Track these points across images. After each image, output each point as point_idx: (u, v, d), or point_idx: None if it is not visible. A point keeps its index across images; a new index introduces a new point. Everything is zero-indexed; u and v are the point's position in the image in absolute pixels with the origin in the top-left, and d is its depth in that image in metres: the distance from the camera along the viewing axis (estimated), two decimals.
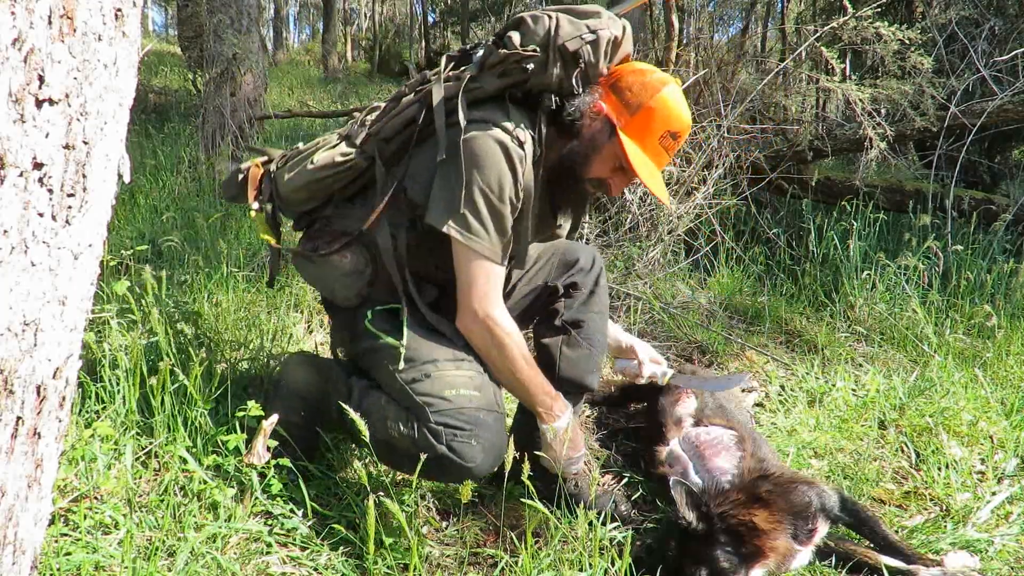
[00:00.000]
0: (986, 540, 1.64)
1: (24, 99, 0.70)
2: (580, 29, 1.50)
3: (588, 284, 1.77)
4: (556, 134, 1.57)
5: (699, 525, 1.42)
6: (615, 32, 1.52)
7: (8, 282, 0.73)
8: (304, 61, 17.48)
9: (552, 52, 1.48)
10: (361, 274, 1.61)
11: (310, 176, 1.59)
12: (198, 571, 1.33)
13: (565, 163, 1.57)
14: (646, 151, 1.54)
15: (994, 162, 4.97)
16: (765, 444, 1.81)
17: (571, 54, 1.49)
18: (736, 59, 4.43)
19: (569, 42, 1.48)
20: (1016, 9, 4.83)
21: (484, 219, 1.46)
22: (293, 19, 31.39)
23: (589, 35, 1.49)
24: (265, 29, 20.53)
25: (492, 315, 1.50)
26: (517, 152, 1.47)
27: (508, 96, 1.53)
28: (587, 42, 1.49)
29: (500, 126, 1.47)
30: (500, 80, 1.52)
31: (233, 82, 4.59)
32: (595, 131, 1.54)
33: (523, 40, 1.51)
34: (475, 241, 1.46)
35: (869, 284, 3.19)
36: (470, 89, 1.52)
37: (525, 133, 1.50)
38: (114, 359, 1.72)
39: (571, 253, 1.81)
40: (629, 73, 1.55)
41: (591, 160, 1.56)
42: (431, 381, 1.47)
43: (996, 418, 2.21)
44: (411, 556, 1.33)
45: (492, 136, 1.46)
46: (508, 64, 1.50)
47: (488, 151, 1.45)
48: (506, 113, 1.50)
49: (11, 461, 0.79)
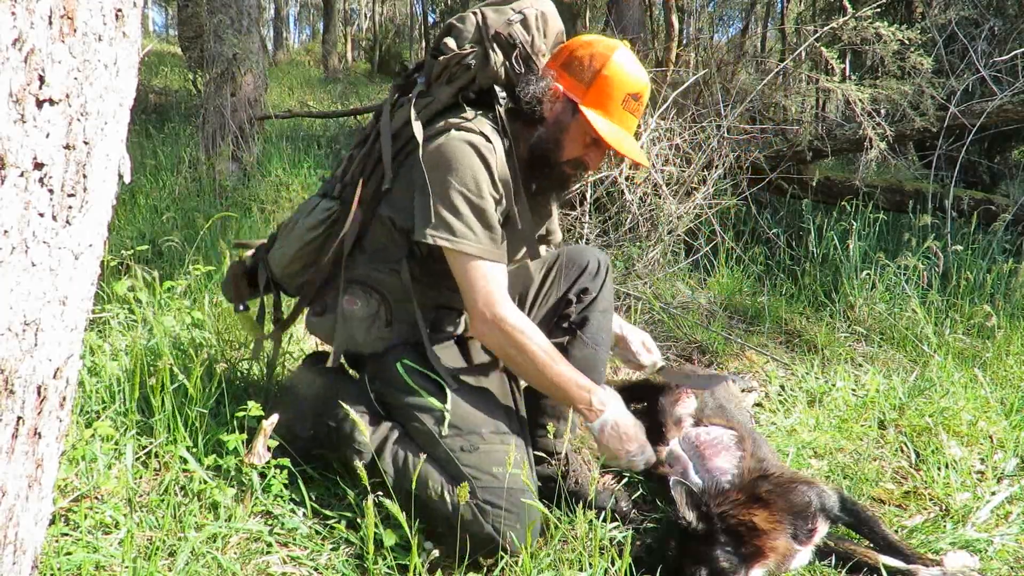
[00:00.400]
0: (986, 540, 1.64)
1: (24, 99, 0.70)
2: (506, 13, 1.56)
3: (596, 287, 1.77)
4: (522, 126, 1.58)
5: (699, 525, 1.42)
6: (540, 8, 1.57)
7: (8, 282, 0.73)
8: (304, 61, 17.48)
9: (488, 43, 1.53)
10: (376, 316, 1.60)
11: (300, 242, 1.63)
12: (198, 571, 1.33)
13: (536, 152, 1.59)
14: (612, 119, 1.55)
15: (994, 162, 4.97)
16: (765, 444, 1.82)
17: (505, 39, 1.53)
18: (736, 59, 4.44)
19: (500, 28, 1.54)
20: (1016, 9, 4.83)
21: (467, 219, 1.45)
22: (293, 19, 31.39)
23: (516, 16, 1.55)
24: (265, 29, 20.53)
25: (500, 314, 1.48)
26: (485, 145, 1.48)
27: (462, 99, 1.57)
28: (516, 23, 1.54)
29: (461, 127, 1.49)
30: (449, 87, 1.56)
31: (233, 82, 4.59)
32: (557, 113, 1.56)
33: (458, 42, 1.57)
34: (463, 243, 1.45)
35: (869, 284, 3.19)
36: (423, 105, 1.56)
37: (488, 127, 1.52)
38: (114, 359, 1.72)
39: (579, 258, 1.80)
40: (576, 47, 1.57)
41: (561, 142, 1.57)
42: (478, 454, 1.45)
43: (996, 418, 2.21)
44: (411, 556, 1.33)
45: (456, 137, 1.47)
46: (451, 68, 1.55)
47: (455, 151, 1.46)
48: (463, 114, 1.52)
49: (11, 461, 0.79)
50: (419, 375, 1.56)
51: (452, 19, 1.60)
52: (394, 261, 1.59)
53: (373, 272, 1.61)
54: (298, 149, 5.37)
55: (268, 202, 4.33)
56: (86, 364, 1.86)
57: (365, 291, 1.60)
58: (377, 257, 1.61)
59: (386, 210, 1.58)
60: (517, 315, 1.50)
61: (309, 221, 1.62)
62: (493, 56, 1.53)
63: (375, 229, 1.61)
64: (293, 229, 1.65)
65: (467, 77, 1.55)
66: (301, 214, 1.65)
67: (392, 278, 1.60)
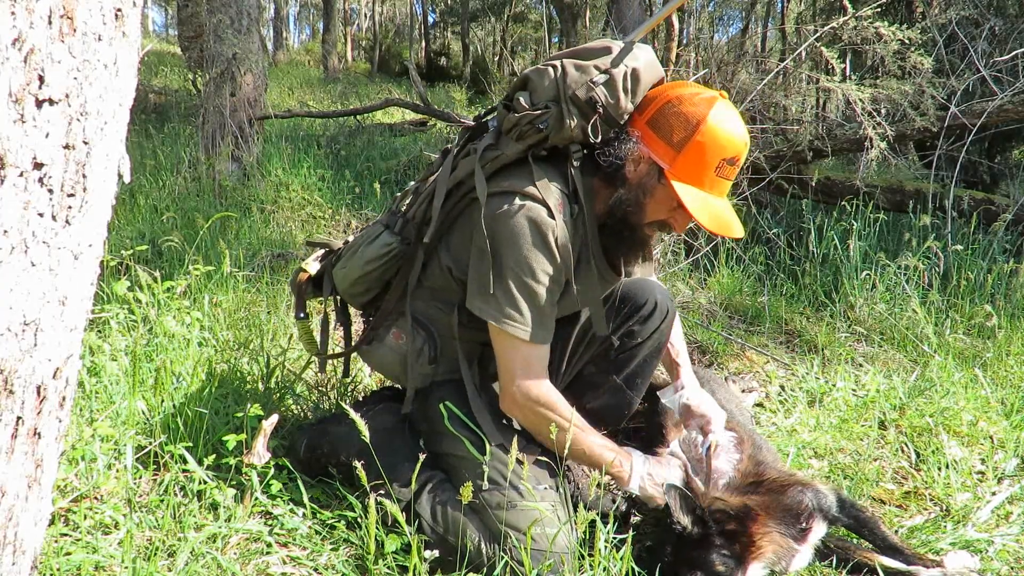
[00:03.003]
0: (986, 540, 1.64)
1: (24, 99, 0.70)
2: (589, 73, 1.39)
3: (644, 332, 1.66)
4: (601, 184, 1.47)
5: (694, 530, 1.41)
6: (632, 65, 1.40)
7: (8, 282, 0.73)
8: (304, 61, 17.49)
9: (565, 104, 1.39)
10: (420, 352, 1.57)
11: (360, 271, 1.59)
12: (198, 571, 1.33)
13: (616, 213, 1.46)
14: (703, 187, 1.40)
15: (994, 162, 4.97)
16: (766, 446, 1.81)
17: (585, 102, 1.38)
18: (736, 59, 4.43)
19: (579, 90, 1.38)
20: (1016, 9, 4.84)
21: (516, 301, 1.40)
22: (293, 19, 31.41)
23: (600, 76, 1.39)
24: (265, 29, 20.53)
25: (532, 396, 1.45)
26: (546, 222, 1.38)
27: (532, 156, 1.45)
28: (600, 84, 1.39)
29: (524, 193, 1.40)
30: (519, 143, 1.44)
31: (233, 82, 4.59)
32: (642, 175, 1.42)
33: (532, 98, 1.43)
34: (509, 325, 1.41)
35: (869, 284, 3.19)
36: (491, 158, 1.46)
37: (555, 192, 1.41)
38: (114, 359, 1.72)
39: (636, 296, 1.67)
40: (665, 103, 1.40)
41: (644, 205, 1.44)
42: (515, 513, 1.41)
43: (996, 418, 2.21)
44: (411, 556, 1.33)
45: (517, 210, 1.38)
46: (522, 127, 1.41)
47: (514, 229, 1.38)
48: (531, 176, 1.41)
49: (11, 461, 0.79)
50: (461, 423, 1.52)
51: (529, 71, 1.46)
52: (450, 302, 1.56)
53: (428, 308, 1.59)
54: (298, 149, 5.37)
55: (268, 202, 4.33)
56: (86, 364, 1.86)
57: (413, 326, 1.57)
58: (436, 296, 1.59)
59: (445, 258, 1.53)
60: (549, 396, 1.46)
61: (369, 253, 1.58)
62: (568, 121, 1.40)
63: (434, 269, 1.57)
64: (355, 255, 1.61)
65: (538, 137, 1.42)
66: (364, 241, 1.61)
67: (444, 316, 1.57)
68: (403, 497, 1.48)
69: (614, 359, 1.70)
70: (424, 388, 1.62)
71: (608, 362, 1.71)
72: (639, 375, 1.71)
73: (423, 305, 1.60)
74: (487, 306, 1.42)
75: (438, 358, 1.59)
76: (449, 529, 1.44)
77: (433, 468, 1.56)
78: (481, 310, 1.43)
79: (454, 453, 1.52)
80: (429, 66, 19.25)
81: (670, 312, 1.69)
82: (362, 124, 6.61)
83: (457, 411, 1.53)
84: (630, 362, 1.69)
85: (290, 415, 1.92)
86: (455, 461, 1.52)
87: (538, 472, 1.48)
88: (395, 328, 1.60)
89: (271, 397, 1.94)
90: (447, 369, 1.61)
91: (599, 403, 1.69)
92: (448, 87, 13.14)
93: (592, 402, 1.69)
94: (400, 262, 1.59)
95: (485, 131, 1.54)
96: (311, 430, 1.70)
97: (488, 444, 1.45)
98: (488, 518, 1.43)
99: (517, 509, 1.41)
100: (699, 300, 3.24)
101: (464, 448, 1.48)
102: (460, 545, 1.41)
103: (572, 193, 1.45)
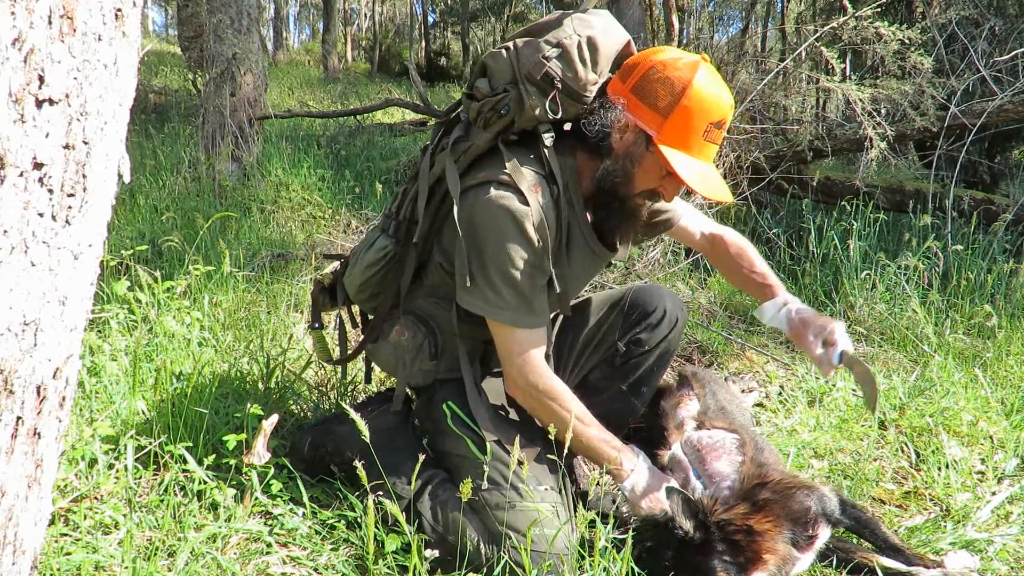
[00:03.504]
0: (986, 540, 1.64)
1: (24, 99, 0.70)
2: (540, 49, 1.37)
3: (652, 340, 1.65)
4: (585, 159, 1.46)
5: (696, 534, 1.39)
6: (586, 33, 1.38)
7: (8, 282, 0.73)
8: (304, 61, 17.49)
9: (522, 85, 1.38)
10: (421, 348, 1.57)
11: (362, 277, 1.61)
12: (198, 571, 1.33)
13: (604, 186, 1.44)
14: (691, 152, 1.38)
15: (994, 162, 4.97)
16: (768, 447, 1.81)
17: (540, 79, 1.36)
18: (736, 59, 4.43)
19: (533, 68, 1.36)
20: (1016, 9, 4.84)
21: (499, 289, 1.40)
22: (293, 19, 31.42)
23: (552, 51, 1.36)
24: (265, 29, 20.54)
25: (532, 382, 1.45)
26: (520, 209, 1.36)
27: (503, 142, 1.44)
28: (552, 59, 1.36)
29: (498, 181, 1.38)
30: (487, 131, 1.43)
31: (233, 82, 4.59)
32: (628, 144, 1.40)
33: (491, 83, 1.42)
34: (497, 312, 1.42)
35: (869, 284, 3.19)
36: (463, 151, 1.45)
37: (529, 176, 1.39)
38: (114, 359, 1.72)
39: (646, 303, 1.66)
40: (649, 68, 1.37)
41: (633, 175, 1.42)
42: (515, 514, 1.41)
43: (996, 418, 2.21)
44: (411, 556, 1.33)
45: (491, 200, 1.37)
46: (485, 114, 1.41)
47: (489, 219, 1.38)
48: (502, 162, 1.40)
49: (11, 461, 0.79)
50: (463, 423, 1.52)
51: (485, 57, 1.45)
52: (449, 298, 1.56)
53: (429, 305, 1.60)
54: (298, 149, 5.37)
55: (268, 202, 4.33)
56: (86, 364, 1.86)
57: (414, 323, 1.58)
58: (435, 292, 1.60)
59: (439, 254, 1.54)
60: (550, 383, 1.46)
61: (368, 258, 1.60)
62: (528, 100, 1.37)
63: (431, 267, 1.58)
64: (357, 261, 1.63)
65: (504, 122, 1.41)
66: (363, 246, 1.63)
67: (444, 312, 1.58)
68: (404, 495, 1.48)
69: (620, 366, 1.70)
70: (428, 386, 1.62)
71: (614, 369, 1.71)
72: (645, 383, 1.71)
73: (424, 302, 1.61)
74: (473, 299, 1.43)
75: (439, 354, 1.59)
76: (449, 528, 1.44)
77: (436, 467, 1.56)
78: (468, 303, 1.44)
79: (457, 452, 1.52)
80: (429, 66, 19.27)
81: (679, 321, 1.68)
82: (362, 124, 6.61)
83: (459, 411, 1.53)
84: (636, 370, 1.69)
85: (290, 415, 1.92)
86: (458, 460, 1.52)
87: (539, 471, 1.48)
88: (397, 325, 1.61)
89: (271, 397, 1.94)
90: (449, 366, 1.61)
91: (603, 409, 1.69)
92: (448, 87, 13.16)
93: (596, 408, 1.69)
94: (397, 263, 1.60)
95: (456, 125, 1.53)
96: (315, 429, 1.71)
97: (489, 444, 1.45)
98: (488, 518, 1.43)
99: (517, 510, 1.41)
100: (699, 300, 3.24)
101: (466, 447, 1.48)
102: (460, 545, 1.41)
103: (549, 175, 1.42)
